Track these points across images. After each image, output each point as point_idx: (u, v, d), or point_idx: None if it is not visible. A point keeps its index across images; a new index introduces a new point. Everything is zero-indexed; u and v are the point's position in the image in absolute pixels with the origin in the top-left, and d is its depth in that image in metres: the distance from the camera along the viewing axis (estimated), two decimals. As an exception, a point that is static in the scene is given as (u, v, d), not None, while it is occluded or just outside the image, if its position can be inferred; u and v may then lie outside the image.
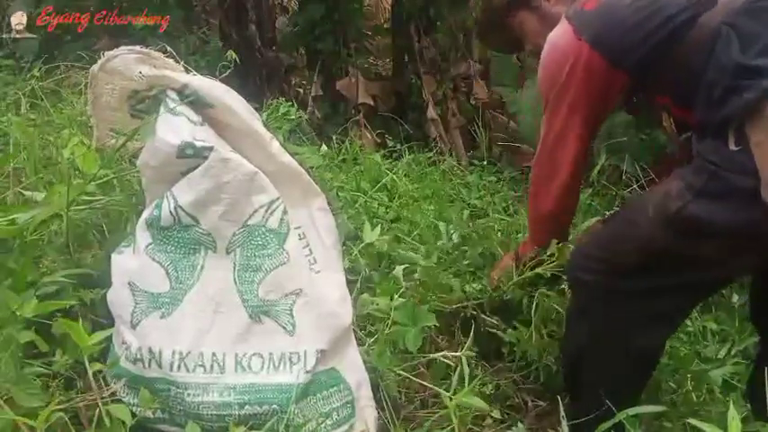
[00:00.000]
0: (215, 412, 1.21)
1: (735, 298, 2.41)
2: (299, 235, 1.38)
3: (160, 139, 1.27)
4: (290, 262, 1.30)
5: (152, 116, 1.34)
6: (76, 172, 1.48)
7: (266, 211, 1.30)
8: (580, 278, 1.62)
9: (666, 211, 1.45)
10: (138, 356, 1.22)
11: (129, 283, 1.26)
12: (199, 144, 1.26)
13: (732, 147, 1.37)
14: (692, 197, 1.42)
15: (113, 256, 1.32)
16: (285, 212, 1.32)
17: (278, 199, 1.32)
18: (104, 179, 1.46)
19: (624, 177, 3.42)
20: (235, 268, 1.29)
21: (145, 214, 1.30)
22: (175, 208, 1.26)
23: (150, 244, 1.28)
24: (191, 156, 1.26)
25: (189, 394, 1.21)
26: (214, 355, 1.23)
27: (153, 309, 1.25)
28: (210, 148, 1.26)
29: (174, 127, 1.29)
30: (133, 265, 1.28)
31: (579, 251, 1.68)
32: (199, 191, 1.26)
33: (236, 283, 1.28)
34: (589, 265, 1.59)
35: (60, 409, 1.09)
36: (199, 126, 1.33)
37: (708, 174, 1.41)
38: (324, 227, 1.44)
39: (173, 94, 1.34)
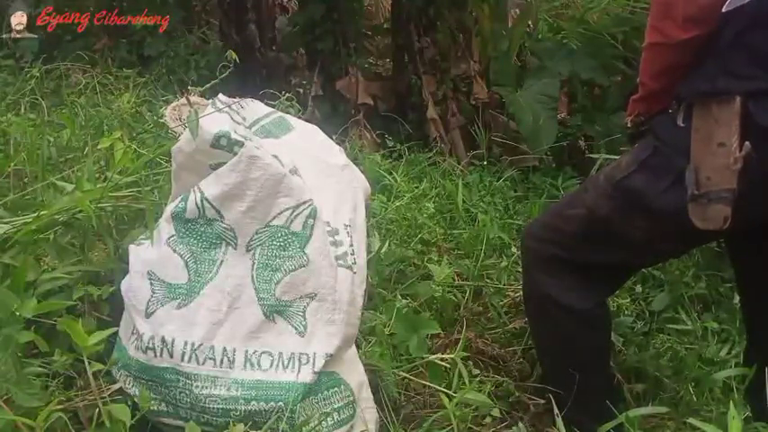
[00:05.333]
0: (221, 406, 1.23)
1: (736, 299, 2.41)
2: (347, 232, 1.45)
3: (200, 127, 1.30)
4: (308, 266, 1.32)
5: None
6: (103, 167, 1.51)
7: (291, 213, 1.33)
8: (526, 244, 1.72)
9: (612, 179, 1.53)
10: (150, 345, 1.24)
11: (148, 273, 1.30)
12: (233, 137, 1.29)
13: (680, 123, 1.43)
14: (636, 168, 1.49)
15: (131, 247, 1.36)
16: (310, 217, 1.34)
17: (305, 203, 1.34)
18: (134, 177, 1.48)
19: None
20: (254, 266, 1.31)
21: (170, 207, 1.34)
22: (201, 200, 1.29)
23: (173, 236, 1.31)
24: (223, 147, 1.29)
25: (197, 386, 1.23)
26: (225, 349, 1.26)
27: (169, 299, 1.27)
28: (241, 144, 1.29)
29: (217, 119, 1.36)
30: (153, 255, 1.31)
31: (535, 219, 1.79)
32: (225, 185, 1.29)
33: (253, 280, 1.30)
34: (536, 232, 1.70)
35: (60, 409, 1.09)
36: (243, 126, 1.41)
37: (652, 148, 1.49)
38: (362, 225, 1.51)
39: (222, 97, 1.48)
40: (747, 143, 1.33)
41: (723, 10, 1.33)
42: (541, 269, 1.65)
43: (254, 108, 1.61)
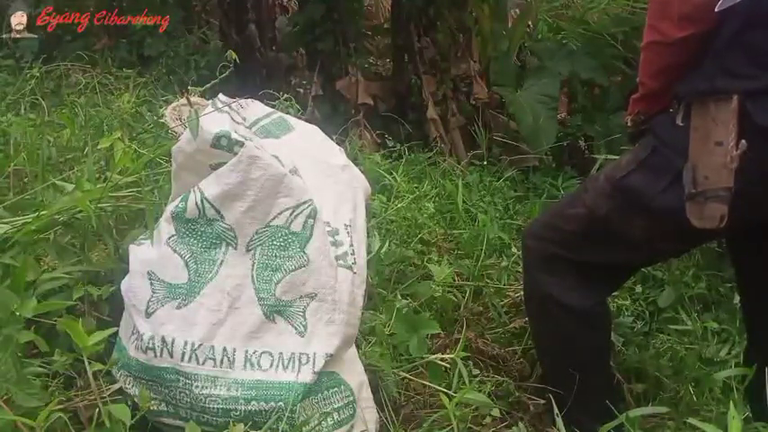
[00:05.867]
0: (221, 406, 1.22)
1: (736, 299, 2.41)
2: (347, 232, 1.45)
3: (200, 127, 1.31)
4: (309, 266, 1.32)
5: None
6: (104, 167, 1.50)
7: (291, 213, 1.33)
8: (526, 243, 1.72)
9: (612, 179, 1.54)
10: (150, 345, 1.24)
11: (148, 273, 1.29)
12: (233, 137, 1.29)
13: (679, 122, 1.44)
14: (635, 167, 1.50)
15: (131, 246, 1.36)
16: (310, 217, 1.34)
17: (305, 203, 1.34)
18: (134, 177, 1.48)
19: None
20: (254, 266, 1.31)
21: (170, 207, 1.34)
22: (201, 200, 1.30)
23: (173, 236, 1.31)
24: (224, 147, 1.29)
25: (197, 386, 1.23)
26: (225, 349, 1.26)
27: (169, 299, 1.27)
28: (242, 144, 1.29)
29: (217, 120, 1.36)
30: (153, 255, 1.31)
31: (536, 218, 1.80)
32: (225, 184, 1.29)
33: (253, 281, 1.30)
34: (536, 232, 1.70)
35: (60, 409, 1.09)
36: (243, 127, 1.41)
37: (651, 147, 1.49)
38: (362, 225, 1.51)
39: (223, 97, 1.49)
40: (744, 142, 1.33)
41: (716, 9, 1.33)
42: (542, 268, 1.65)
43: (254, 108, 1.61)
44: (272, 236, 1.32)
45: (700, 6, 1.36)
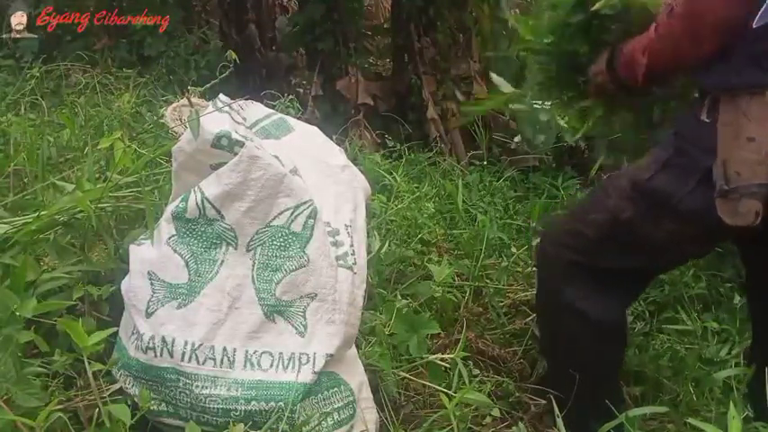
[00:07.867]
0: (221, 406, 1.23)
1: (736, 299, 2.41)
2: (348, 232, 1.44)
3: (201, 127, 1.31)
4: (309, 266, 1.32)
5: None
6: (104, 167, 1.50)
7: (291, 213, 1.33)
8: (545, 248, 1.68)
9: (635, 182, 1.49)
10: (150, 345, 1.24)
11: (148, 273, 1.29)
12: (234, 137, 1.29)
13: (703, 118, 1.39)
14: (659, 169, 1.46)
15: (132, 247, 1.36)
16: (311, 217, 1.34)
17: (305, 203, 1.34)
18: (134, 177, 1.48)
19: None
20: (254, 266, 1.31)
21: (170, 207, 1.34)
22: (202, 200, 1.30)
23: (173, 236, 1.31)
24: (224, 147, 1.29)
25: (197, 386, 1.23)
26: (225, 349, 1.26)
27: (170, 299, 1.27)
28: (242, 144, 1.29)
29: (217, 120, 1.36)
30: (153, 255, 1.31)
31: (554, 224, 1.76)
32: (226, 185, 1.29)
33: (254, 281, 1.30)
34: (555, 237, 1.66)
35: (60, 409, 1.09)
36: (243, 127, 1.42)
37: (675, 147, 1.45)
38: (362, 226, 1.51)
39: (223, 98, 1.49)
40: None
41: (754, 26, 1.30)
42: (558, 275, 1.60)
43: (255, 109, 1.61)
44: (273, 236, 1.32)
45: (731, 21, 1.32)
